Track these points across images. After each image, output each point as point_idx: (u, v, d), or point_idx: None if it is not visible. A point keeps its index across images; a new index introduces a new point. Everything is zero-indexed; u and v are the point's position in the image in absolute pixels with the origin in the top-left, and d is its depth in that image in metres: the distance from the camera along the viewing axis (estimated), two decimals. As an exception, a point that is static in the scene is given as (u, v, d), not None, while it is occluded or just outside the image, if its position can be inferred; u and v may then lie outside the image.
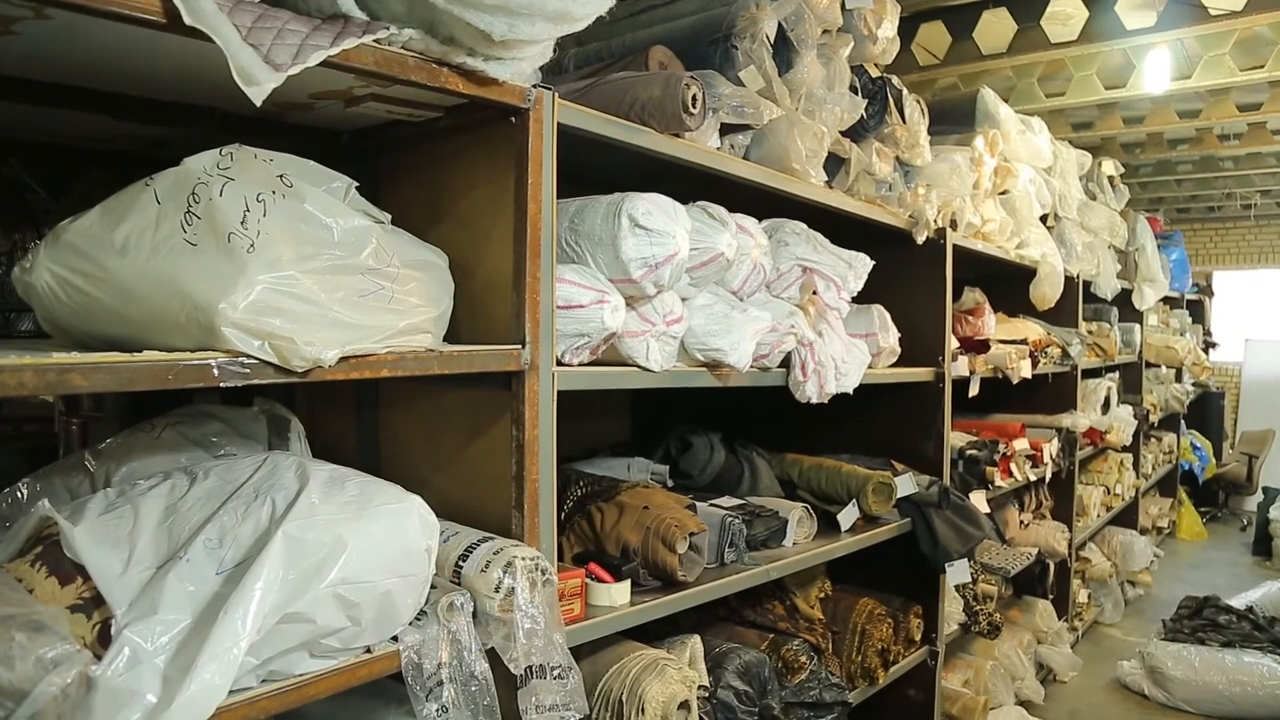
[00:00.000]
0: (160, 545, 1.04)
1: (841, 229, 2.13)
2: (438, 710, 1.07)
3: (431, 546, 1.12)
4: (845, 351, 1.91)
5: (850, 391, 1.96)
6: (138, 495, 1.11)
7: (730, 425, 2.43)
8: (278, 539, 0.98)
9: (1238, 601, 3.95)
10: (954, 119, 2.89)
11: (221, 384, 0.95)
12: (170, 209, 1.02)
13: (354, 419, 1.62)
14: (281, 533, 0.99)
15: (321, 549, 1.00)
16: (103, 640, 0.93)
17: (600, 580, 1.52)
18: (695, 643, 1.80)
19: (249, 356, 0.97)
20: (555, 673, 1.18)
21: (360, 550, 1.02)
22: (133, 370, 0.89)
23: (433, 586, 1.18)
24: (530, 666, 1.14)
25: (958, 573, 2.34)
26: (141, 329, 0.99)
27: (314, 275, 1.03)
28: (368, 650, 1.10)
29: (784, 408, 2.73)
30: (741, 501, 1.99)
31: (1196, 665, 3.42)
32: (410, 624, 1.14)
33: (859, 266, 1.80)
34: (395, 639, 1.12)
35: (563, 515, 1.69)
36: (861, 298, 2.26)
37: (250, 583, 0.94)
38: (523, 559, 1.19)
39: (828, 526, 2.17)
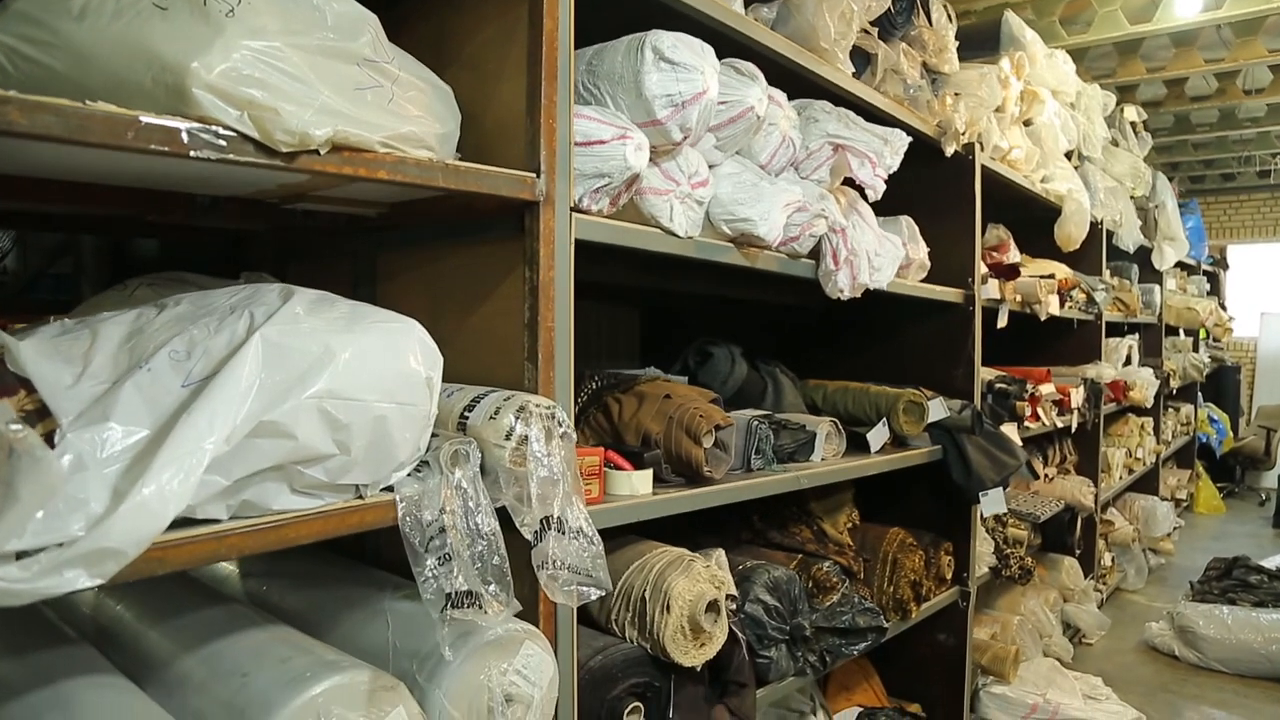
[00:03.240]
0: (120, 363, 0.90)
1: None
2: (439, 560, 0.92)
3: (433, 378, 0.98)
4: (878, 244, 1.77)
5: (885, 286, 1.82)
6: (98, 321, 0.97)
7: (747, 357, 2.29)
8: (254, 342, 0.84)
9: (1267, 564, 3.81)
10: (977, 44, 2.77)
11: (191, 153, 0.81)
12: (135, -27, 0.89)
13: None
14: (259, 336, 0.85)
15: (305, 358, 0.86)
16: (47, 453, 0.78)
17: (619, 469, 1.38)
18: (720, 556, 1.66)
19: (225, 127, 0.83)
20: (574, 534, 1.04)
21: (350, 364, 0.88)
22: (84, 118, 0.75)
23: (434, 435, 1.04)
24: (547, 518, 1.00)
25: (992, 502, 2.20)
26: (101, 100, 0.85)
27: (303, 53, 0.90)
28: (359, 497, 0.96)
29: (804, 338, 2.60)
30: (766, 412, 1.85)
31: (1230, 624, 3.28)
32: (409, 475, 1.00)
33: (895, 141, 1.67)
34: (391, 490, 0.98)
35: (577, 408, 1.55)
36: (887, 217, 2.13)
37: (221, 384, 0.80)
38: (537, 405, 1.05)
39: (856, 450, 2.03)
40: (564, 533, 1.00)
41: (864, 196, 1.78)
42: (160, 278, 1.30)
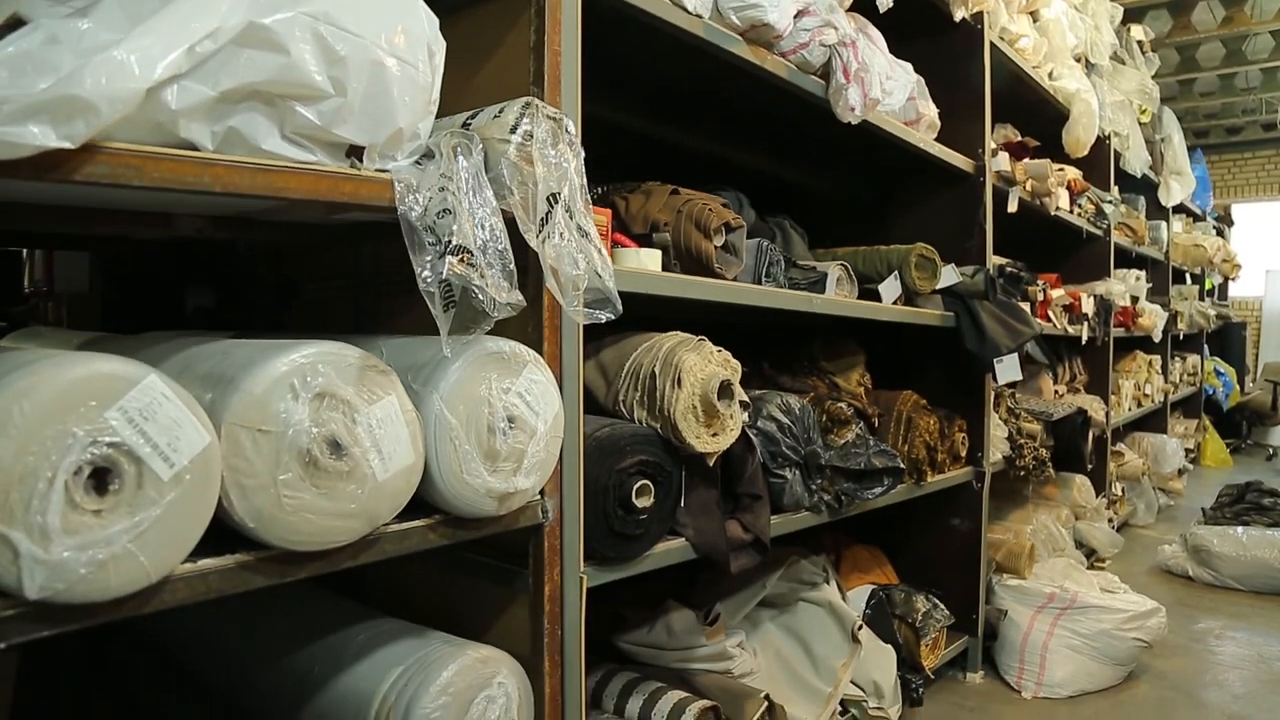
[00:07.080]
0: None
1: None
2: (438, 215, 0.86)
3: (435, 50, 0.92)
4: (890, 68, 1.72)
5: (897, 110, 1.77)
6: None
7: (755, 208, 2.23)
8: (243, -42, 0.78)
9: (1280, 492, 3.74)
10: (983, -66, 2.72)
11: None
12: None
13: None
14: (248, -44, 0.79)
15: (299, -17, 0.80)
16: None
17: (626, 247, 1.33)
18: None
19: None
20: (583, 234, 0.97)
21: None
22: None
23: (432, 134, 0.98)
24: (553, 195, 0.94)
25: (1007, 370, 2.14)
26: None
27: None
28: (354, 167, 0.90)
29: (809, 214, 2.55)
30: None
31: (1245, 542, 3.21)
32: (408, 165, 0.94)
33: (910, -56, 1.63)
34: (387, 173, 0.92)
35: (581, 209, 1.49)
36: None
37: (206, -21, 0.75)
38: (543, 106, 1.00)
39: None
40: (573, 217, 0.94)
41: (874, 21, 1.73)
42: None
